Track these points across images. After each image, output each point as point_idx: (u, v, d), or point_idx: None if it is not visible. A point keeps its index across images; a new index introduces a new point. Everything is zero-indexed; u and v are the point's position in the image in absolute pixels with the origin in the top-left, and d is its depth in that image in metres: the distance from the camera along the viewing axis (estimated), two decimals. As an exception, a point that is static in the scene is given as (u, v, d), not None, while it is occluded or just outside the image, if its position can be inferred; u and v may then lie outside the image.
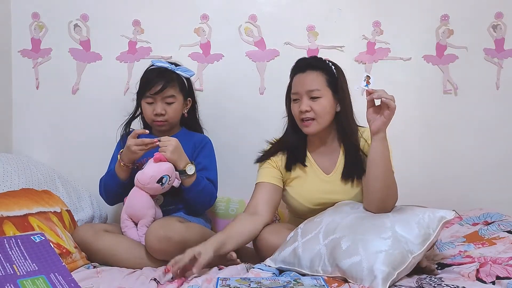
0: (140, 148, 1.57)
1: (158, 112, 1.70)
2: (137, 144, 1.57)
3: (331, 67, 1.54)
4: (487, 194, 2.04)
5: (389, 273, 1.15)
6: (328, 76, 1.52)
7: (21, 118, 2.14)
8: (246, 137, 2.07)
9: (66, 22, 2.12)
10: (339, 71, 1.55)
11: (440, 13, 2.05)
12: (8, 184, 1.65)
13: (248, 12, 2.08)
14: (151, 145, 1.58)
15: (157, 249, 1.46)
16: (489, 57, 2.05)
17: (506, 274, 1.16)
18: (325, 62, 1.55)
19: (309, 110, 1.49)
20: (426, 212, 1.30)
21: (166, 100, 1.71)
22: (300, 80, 1.53)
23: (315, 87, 1.50)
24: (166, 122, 1.73)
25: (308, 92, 1.50)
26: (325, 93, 1.50)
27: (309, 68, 1.53)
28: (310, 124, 1.51)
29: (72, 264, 1.40)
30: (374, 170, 1.38)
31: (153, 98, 1.71)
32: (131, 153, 1.58)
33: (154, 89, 1.69)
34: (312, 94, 1.49)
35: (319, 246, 1.28)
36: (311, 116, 1.50)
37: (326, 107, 1.50)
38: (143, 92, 1.71)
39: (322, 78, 1.51)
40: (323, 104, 1.49)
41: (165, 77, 1.71)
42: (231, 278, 1.22)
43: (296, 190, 1.58)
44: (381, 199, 1.37)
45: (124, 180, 1.65)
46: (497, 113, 2.06)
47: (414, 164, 2.07)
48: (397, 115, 2.03)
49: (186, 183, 1.61)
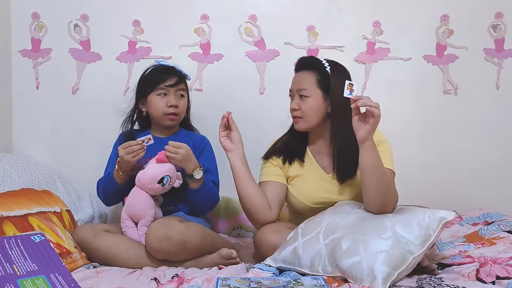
0: (132, 155, 1.55)
1: (173, 103, 1.70)
2: (127, 152, 1.55)
3: (326, 67, 1.52)
4: (487, 194, 2.04)
5: (389, 273, 1.15)
6: (319, 76, 1.52)
7: (21, 118, 2.14)
8: (246, 137, 2.05)
9: (66, 22, 2.12)
10: (336, 72, 1.51)
11: (440, 13, 2.05)
12: (8, 184, 1.65)
13: (248, 12, 2.08)
14: (140, 149, 1.56)
15: (157, 248, 1.46)
16: (489, 57, 2.05)
17: (506, 274, 1.16)
18: (321, 62, 1.53)
19: (297, 109, 1.53)
20: (427, 213, 1.29)
21: (179, 93, 1.73)
22: (294, 78, 1.57)
23: (303, 87, 1.52)
24: (178, 116, 1.74)
25: (298, 91, 1.53)
26: (313, 93, 1.51)
27: (303, 67, 1.56)
28: (298, 121, 1.55)
29: (72, 264, 1.40)
30: (367, 178, 1.36)
31: (167, 90, 1.71)
32: (125, 162, 1.58)
33: (170, 81, 1.71)
34: (301, 93, 1.52)
35: (319, 246, 1.28)
36: (298, 115, 1.53)
37: (312, 108, 1.51)
38: (155, 84, 1.71)
39: (312, 78, 1.52)
40: (309, 104, 1.51)
41: (177, 72, 1.75)
42: (231, 278, 1.22)
43: (296, 189, 1.59)
44: (379, 203, 1.36)
45: (122, 184, 1.66)
46: (497, 113, 2.06)
47: (414, 164, 2.07)
48: (397, 115, 2.07)
49: (193, 186, 1.62)
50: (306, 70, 1.54)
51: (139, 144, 1.56)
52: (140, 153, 1.56)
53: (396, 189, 1.43)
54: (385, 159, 1.42)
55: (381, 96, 2.02)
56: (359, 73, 2.07)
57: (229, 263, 1.47)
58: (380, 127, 1.59)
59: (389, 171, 1.44)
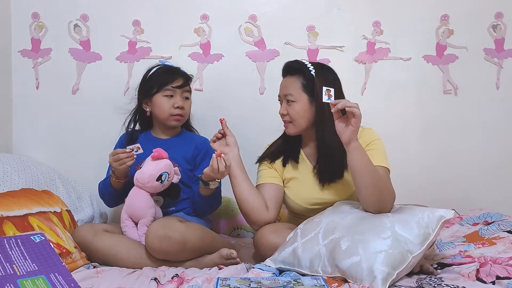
0: (119, 163, 1.56)
1: (180, 105, 1.71)
2: (114, 160, 1.57)
3: (310, 71, 1.51)
4: (487, 194, 2.04)
5: (389, 273, 1.15)
6: (304, 80, 1.52)
7: (21, 118, 2.14)
8: (246, 137, 2.06)
9: (66, 22, 2.12)
10: (320, 75, 1.51)
11: (440, 13, 2.05)
12: (8, 184, 1.65)
13: (248, 12, 2.08)
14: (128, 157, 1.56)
15: (157, 248, 1.46)
16: (489, 57, 2.05)
17: (506, 274, 1.16)
18: (305, 66, 1.53)
19: (286, 114, 1.54)
20: (426, 212, 1.30)
21: (184, 95, 1.74)
22: (281, 83, 1.58)
23: (289, 92, 1.53)
24: (183, 117, 1.75)
25: (285, 96, 1.54)
26: (299, 97, 1.51)
27: (288, 72, 1.57)
28: (287, 126, 1.56)
29: (72, 264, 1.40)
30: (359, 179, 1.36)
31: (174, 92, 1.71)
32: (115, 169, 1.60)
33: (177, 83, 1.71)
34: (288, 98, 1.53)
35: (318, 247, 1.28)
36: (287, 120, 1.55)
37: (299, 112, 1.51)
38: (162, 85, 1.70)
39: (298, 83, 1.52)
40: (296, 109, 1.52)
41: (183, 74, 1.76)
42: (231, 278, 1.22)
43: (292, 191, 1.60)
44: (375, 202, 1.36)
45: (118, 189, 1.67)
46: (497, 113, 2.06)
47: (414, 164, 2.07)
48: (397, 115, 2.07)
49: (203, 192, 1.62)
50: (292, 75, 1.55)
51: (127, 153, 1.56)
52: (127, 162, 1.57)
53: (392, 186, 1.42)
54: (378, 157, 1.44)
55: (381, 96, 2.07)
56: (359, 73, 2.07)
57: (229, 263, 1.47)
58: (380, 127, 1.61)
59: (382, 168, 1.44)
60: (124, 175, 1.64)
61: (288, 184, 1.61)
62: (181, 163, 1.71)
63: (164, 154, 1.58)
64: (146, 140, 1.76)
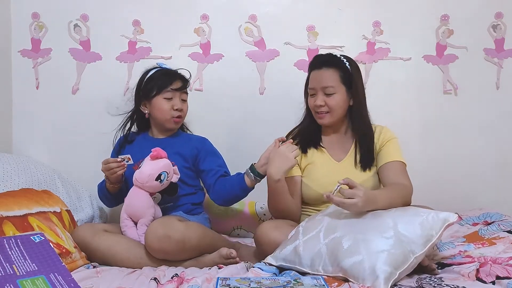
0: (109, 172, 1.61)
1: (179, 107, 1.72)
2: (105, 168, 1.61)
3: (346, 64, 1.60)
4: (487, 194, 2.04)
5: (391, 273, 1.14)
6: (342, 72, 1.59)
7: (21, 118, 2.14)
8: (246, 137, 2.07)
9: (66, 22, 2.12)
10: (354, 67, 1.61)
11: (440, 13, 2.06)
12: (8, 184, 1.65)
13: (248, 12, 2.08)
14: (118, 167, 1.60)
15: (157, 248, 1.46)
16: (489, 57, 2.06)
17: (506, 274, 1.16)
18: (340, 59, 1.61)
19: (324, 105, 1.59)
20: (430, 214, 1.28)
21: (182, 97, 1.76)
22: (316, 76, 1.61)
23: (329, 84, 1.57)
24: (181, 119, 1.77)
25: (323, 88, 1.58)
26: (339, 89, 1.58)
27: (325, 65, 1.60)
28: (324, 116, 1.61)
29: (72, 264, 1.40)
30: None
31: (173, 94, 1.72)
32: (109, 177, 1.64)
33: (177, 85, 1.73)
34: (327, 91, 1.58)
35: (319, 245, 1.28)
36: (325, 110, 1.60)
37: (339, 102, 1.58)
38: (163, 88, 1.71)
39: (336, 75, 1.58)
40: (336, 100, 1.58)
41: (181, 77, 1.78)
42: (231, 278, 1.22)
43: (308, 176, 1.64)
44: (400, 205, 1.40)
45: (113, 193, 1.71)
46: (497, 113, 2.06)
47: (414, 164, 2.05)
48: (397, 115, 2.07)
49: (248, 184, 1.63)
50: (328, 67, 1.59)
51: (117, 162, 1.60)
52: (118, 171, 1.60)
53: (409, 181, 1.52)
54: (394, 153, 1.59)
55: (381, 96, 2.07)
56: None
57: (229, 262, 1.47)
58: (380, 126, 1.62)
59: (399, 163, 1.57)
60: (118, 181, 1.67)
61: (305, 172, 1.65)
62: (178, 162, 1.71)
63: (163, 154, 1.58)
64: (144, 141, 1.77)
